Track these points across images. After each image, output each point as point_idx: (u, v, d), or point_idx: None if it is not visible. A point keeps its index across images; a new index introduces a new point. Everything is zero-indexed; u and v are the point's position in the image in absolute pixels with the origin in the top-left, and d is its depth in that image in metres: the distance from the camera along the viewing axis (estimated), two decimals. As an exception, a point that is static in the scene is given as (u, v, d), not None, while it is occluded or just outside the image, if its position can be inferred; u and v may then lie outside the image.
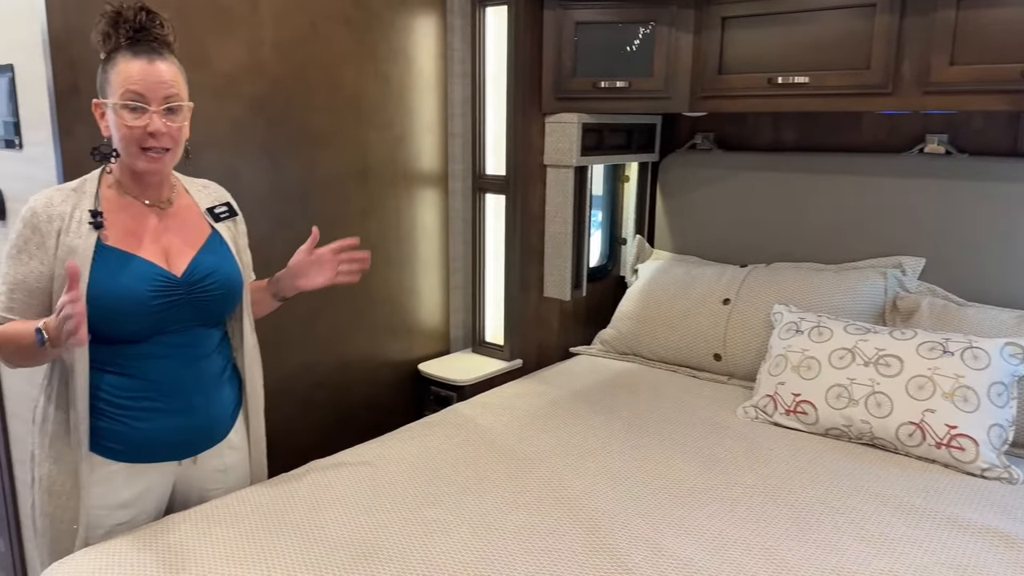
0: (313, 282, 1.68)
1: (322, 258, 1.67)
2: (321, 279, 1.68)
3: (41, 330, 1.30)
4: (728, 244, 2.81)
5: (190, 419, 1.53)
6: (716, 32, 2.33)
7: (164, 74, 1.39)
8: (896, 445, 1.95)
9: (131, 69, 1.37)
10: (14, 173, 1.92)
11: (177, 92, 1.42)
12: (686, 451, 1.96)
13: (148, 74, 1.38)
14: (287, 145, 2.16)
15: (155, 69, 1.38)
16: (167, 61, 1.41)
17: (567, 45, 2.48)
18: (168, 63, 1.41)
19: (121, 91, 1.37)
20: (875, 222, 2.48)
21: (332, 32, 2.22)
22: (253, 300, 1.71)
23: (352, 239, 1.70)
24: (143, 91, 1.37)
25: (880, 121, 2.54)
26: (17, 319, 1.41)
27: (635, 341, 2.72)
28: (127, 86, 1.37)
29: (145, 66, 1.38)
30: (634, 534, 1.56)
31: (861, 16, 2.11)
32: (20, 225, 1.41)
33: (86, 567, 1.40)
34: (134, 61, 1.38)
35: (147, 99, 1.38)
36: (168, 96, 1.40)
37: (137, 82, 1.37)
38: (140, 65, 1.37)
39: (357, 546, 1.49)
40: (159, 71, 1.39)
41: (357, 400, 2.50)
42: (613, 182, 3.03)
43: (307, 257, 1.67)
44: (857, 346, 2.09)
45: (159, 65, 1.39)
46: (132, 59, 1.38)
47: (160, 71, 1.39)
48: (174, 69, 1.42)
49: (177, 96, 1.42)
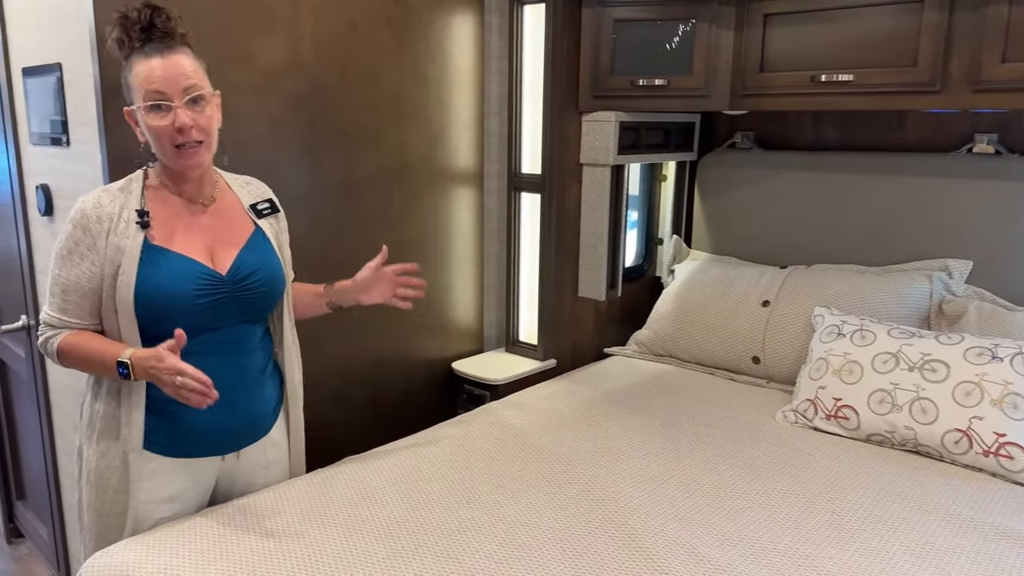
0: (373, 299, 1.74)
1: (385, 276, 1.72)
2: (380, 297, 1.74)
3: (128, 366, 1.37)
4: (768, 245, 2.76)
5: (234, 415, 1.55)
6: (758, 29, 2.29)
7: (180, 66, 1.39)
8: (941, 452, 1.90)
9: (147, 68, 1.38)
10: (61, 170, 1.96)
11: (196, 82, 1.41)
12: (724, 455, 1.93)
13: (164, 69, 1.38)
14: (326, 143, 2.17)
15: (170, 63, 1.38)
16: (181, 53, 1.41)
17: (605, 43, 2.46)
18: (182, 54, 1.41)
19: (143, 93, 1.38)
20: (920, 223, 2.42)
21: (372, 31, 2.23)
22: (303, 304, 1.73)
23: (414, 265, 1.76)
24: (162, 88, 1.38)
25: (926, 120, 2.48)
26: (74, 320, 1.45)
27: (671, 343, 2.69)
28: (147, 87, 1.38)
29: (160, 62, 1.38)
30: (671, 538, 1.54)
31: (908, 12, 2.05)
32: (70, 227, 1.43)
33: (127, 557, 1.42)
34: (149, 60, 1.38)
35: (168, 95, 1.38)
36: (188, 87, 1.40)
37: (155, 80, 1.37)
38: (155, 62, 1.38)
39: (394, 541, 1.50)
40: (174, 64, 1.39)
41: (391, 397, 2.51)
42: (650, 181, 3.00)
43: (373, 273, 1.71)
44: (901, 350, 2.04)
45: (173, 58, 1.39)
46: (146, 58, 1.38)
47: (175, 63, 1.39)
48: (190, 59, 1.42)
49: (197, 86, 1.41)
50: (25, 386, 2.46)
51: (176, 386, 1.33)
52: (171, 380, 1.33)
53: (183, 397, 1.34)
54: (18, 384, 2.55)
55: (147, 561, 1.41)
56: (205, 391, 1.34)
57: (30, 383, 2.37)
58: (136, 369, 1.37)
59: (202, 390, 1.33)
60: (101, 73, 1.70)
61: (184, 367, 1.33)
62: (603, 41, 2.46)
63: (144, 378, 1.38)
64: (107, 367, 1.40)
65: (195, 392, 1.33)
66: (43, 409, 2.30)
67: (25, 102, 2.06)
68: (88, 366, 1.44)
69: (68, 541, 2.38)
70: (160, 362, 1.33)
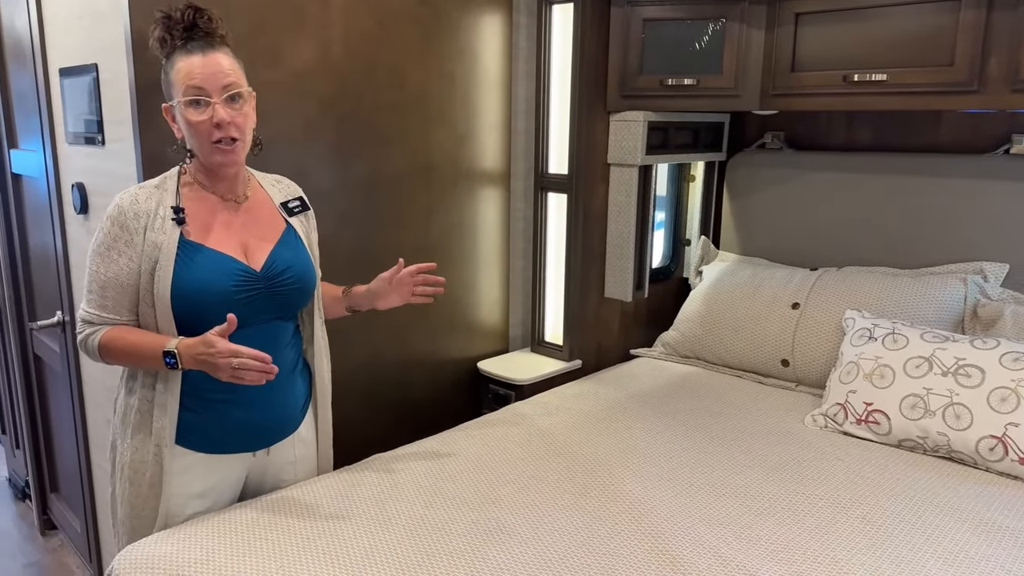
0: (390, 303, 1.75)
1: (401, 280, 1.73)
2: (398, 301, 1.75)
3: (175, 355, 1.38)
4: (797, 246, 2.73)
5: (265, 412, 1.57)
6: (789, 28, 2.26)
7: (220, 64, 1.42)
8: (975, 459, 1.86)
9: (188, 65, 1.41)
10: (96, 169, 2.00)
11: (235, 80, 1.44)
12: (752, 459, 1.91)
13: (205, 66, 1.41)
14: (354, 143, 2.19)
15: (211, 60, 1.42)
16: (222, 52, 1.44)
17: (634, 42, 2.45)
18: (223, 53, 1.44)
19: (183, 88, 1.41)
20: (955, 225, 2.37)
21: (400, 31, 2.24)
22: (323, 305, 1.74)
23: (430, 264, 1.76)
24: (202, 83, 1.41)
25: (962, 120, 2.43)
26: (112, 316, 1.47)
27: (699, 344, 2.67)
28: (187, 82, 1.41)
29: (201, 59, 1.41)
30: (697, 542, 1.53)
31: (945, 11, 2.02)
32: (108, 223, 1.46)
33: (159, 550, 1.44)
34: (190, 57, 1.41)
35: (208, 91, 1.41)
36: (227, 85, 1.43)
37: (196, 76, 1.40)
38: (196, 59, 1.41)
39: (420, 539, 1.50)
40: (215, 62, 1.42)
41: (417, 395, 2.52)
42: (678, 181, 2.98)
43: (387, 284, 1.73)
44: (935, 355, 2.00)
45: (214, 56, 1.42)
46: (188, 56, 1.42)
47: (216, 61, 1.42)
48: (230, 59, 1.45)
49: (236, 84, 1.44)
50: (60, 381, 2.51)
51: (233, 368, 1.34)
52: (227, 363, 1.33)
53: (239, 378, 1.34)
54: (53, 379, 2.61)
55: (178, 554, 1.43)
56: (264, 367, 1.35)
57: (64, 378, 2.42)
58: (184, 358, 1.38)
59: (261, 367, 1.34)
60: (136, 73, 1.72)
61: (239, 348, 1.34)
62: (632, 40, 2.44)
63: (193, 366, 1.39)
64: (152, 359, 1.41)
65: (254, 370, 1.34)
66: (77, 404, 2.34)
67: (62, 102, 2.10)
68: (131, 359, 1.45)
69: (100, 533, 2.43)
70: (211, 347, 1.34)
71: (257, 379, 1.35)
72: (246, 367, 1.34)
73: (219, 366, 1.35)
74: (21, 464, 3.11)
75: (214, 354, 1.34)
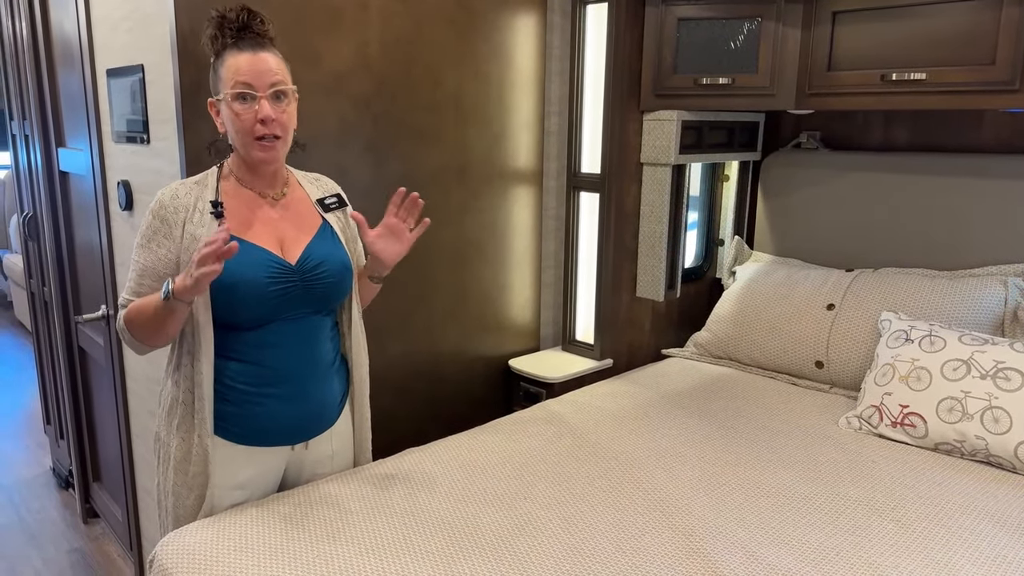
0: (396, 252, 1.66)
1: (392, 230, 1.64)
2: (400, 247, 1.66)
3: (168, 283, 1.37)
4: (833, 247, 2.70)
5: (304, 405, 1.60)
6: (826, 27, 2.24)
7: (268, 63, 1.47)
8: (1014, 464, 1.84)
9: (238, 62, 1.46)
10: (141, 166, 2.06)
11: (282, 79, 1.49)
12: (785, 460, 1.90)
13: (254, 64, 1.46)
14: (390, 142, 2.22)
15: (260, 59, 1.47)
16: (270, 52, 1.50)
17: (668, 42, 2.44)
18: (271, 53, 1.50)
19: (231, 83, 1.46)
20: (995, 227, 2.33)
21: (436, 32, 2.26)
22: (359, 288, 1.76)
23: (399, 190, 1.64)
24: (250, 80, 1.45)
25: (1004, 120, 2.39)
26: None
27: (731, 345, 2.66)
28: (236, 78, 1.46)
29: (251, 57, 1.46)
30: (730, 541, 1.53)
31: (986, 8, 1.99)
32: (150, 216, 1.52)
33: (199, 538, 1.48)
34: (241, 55, 1.46)
35: (255, 87, 1.46)
36: (274, 83, 1.48)
37: (245, 73, 1.45)
38: (246, 57, 1.46)
39: (452, 533, 1.53)
40: (264, 60, 1.47)
41: (450, 392, 2.55)
42: (711, 181, 2.97)
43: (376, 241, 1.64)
44: (973, 357, 1.97)
45: (263, 55, 1.47)
46: (239, 53, 1.47)
47: (265, 60, 1.47)
48: (278, 59, 1.51)
49: (282, 82, 1.49)
50: (103, 373, 2.58)
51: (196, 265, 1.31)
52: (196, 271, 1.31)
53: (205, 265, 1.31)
54: (97, 371, 2.68)
55: (218, 541, 1.47)
56: (220, 247, 1.30)
57: (108, 370, 2.49)
58: (176, 288, 1.36)
59: (217, 248, 1.30)
60: (181, 74, 1.77)
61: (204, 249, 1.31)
62: (666, 40, 2.44)
63: (183, 291, 1.35)
64: (153, 301, 1.42)
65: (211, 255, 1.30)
66: (119, 395, 2.41)
67: (108, 102, 2.16)
68: (146, 318, 1.46)
69: (140, 522, 2.49)
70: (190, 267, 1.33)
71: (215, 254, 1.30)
72: (202, 254, 1.30)
73: (192, 274, 1.32)
74: (65, 454, 3.20)
75: (191, 270, 1.32)
